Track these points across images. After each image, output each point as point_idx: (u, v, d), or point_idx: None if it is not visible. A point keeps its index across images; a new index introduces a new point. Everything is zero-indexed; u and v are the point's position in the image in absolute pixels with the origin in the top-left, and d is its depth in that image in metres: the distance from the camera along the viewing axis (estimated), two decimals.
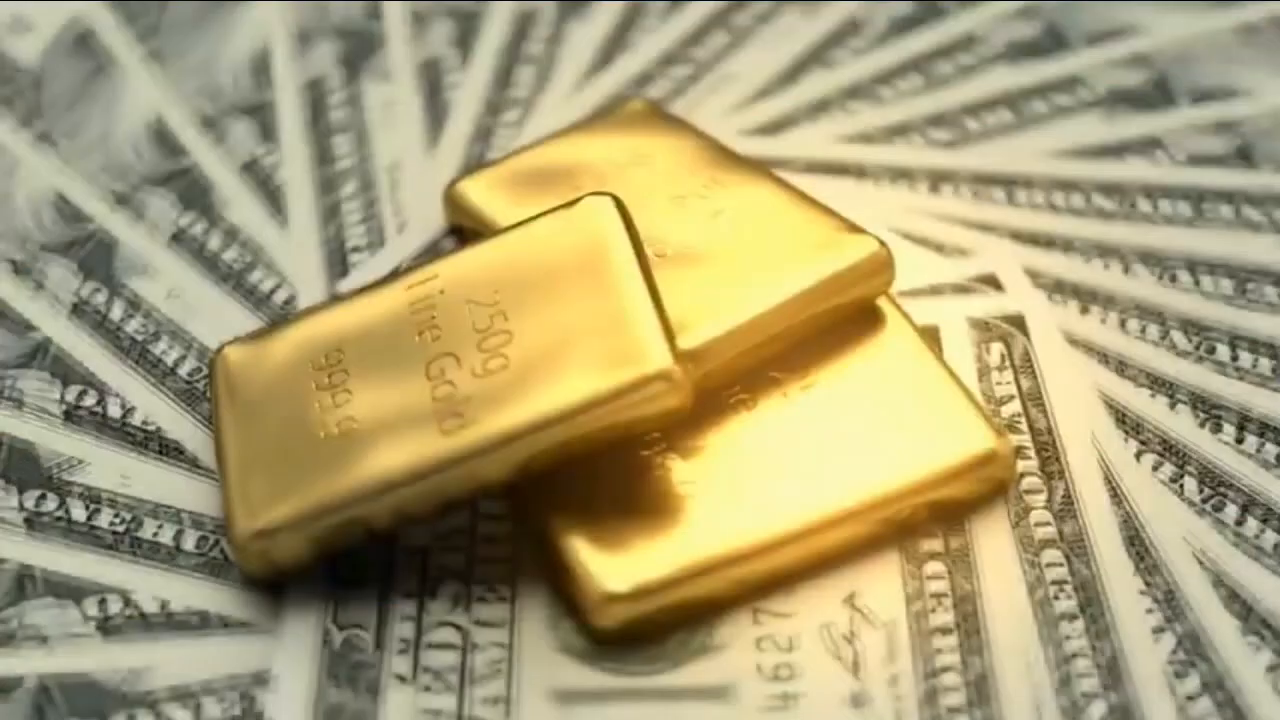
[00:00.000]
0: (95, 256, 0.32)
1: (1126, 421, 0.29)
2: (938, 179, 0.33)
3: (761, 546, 0.27)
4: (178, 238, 0.32)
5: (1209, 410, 0.29)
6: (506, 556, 0.28)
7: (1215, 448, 0.29)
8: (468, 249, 0.29)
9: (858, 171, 0.33)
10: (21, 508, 0.29)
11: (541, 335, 0.27)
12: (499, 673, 0.27)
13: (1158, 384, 0.30)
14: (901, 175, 0.33)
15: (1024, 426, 0.29)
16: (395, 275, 0.29)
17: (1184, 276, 0.31)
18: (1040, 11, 0.36)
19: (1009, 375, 0.30)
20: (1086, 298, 0.31)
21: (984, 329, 0.31)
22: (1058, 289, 0.31)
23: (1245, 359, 0.30)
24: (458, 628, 0.27)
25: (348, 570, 0.28)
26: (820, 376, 0.29)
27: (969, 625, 0.27)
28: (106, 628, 0.27)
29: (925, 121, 0.34)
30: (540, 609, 0.27)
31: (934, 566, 0.28)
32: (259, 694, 0.26)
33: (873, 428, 0.28)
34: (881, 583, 0.27)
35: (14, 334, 0.31)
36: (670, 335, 0.27)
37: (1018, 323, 0.31)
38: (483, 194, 0.32)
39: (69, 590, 0.28)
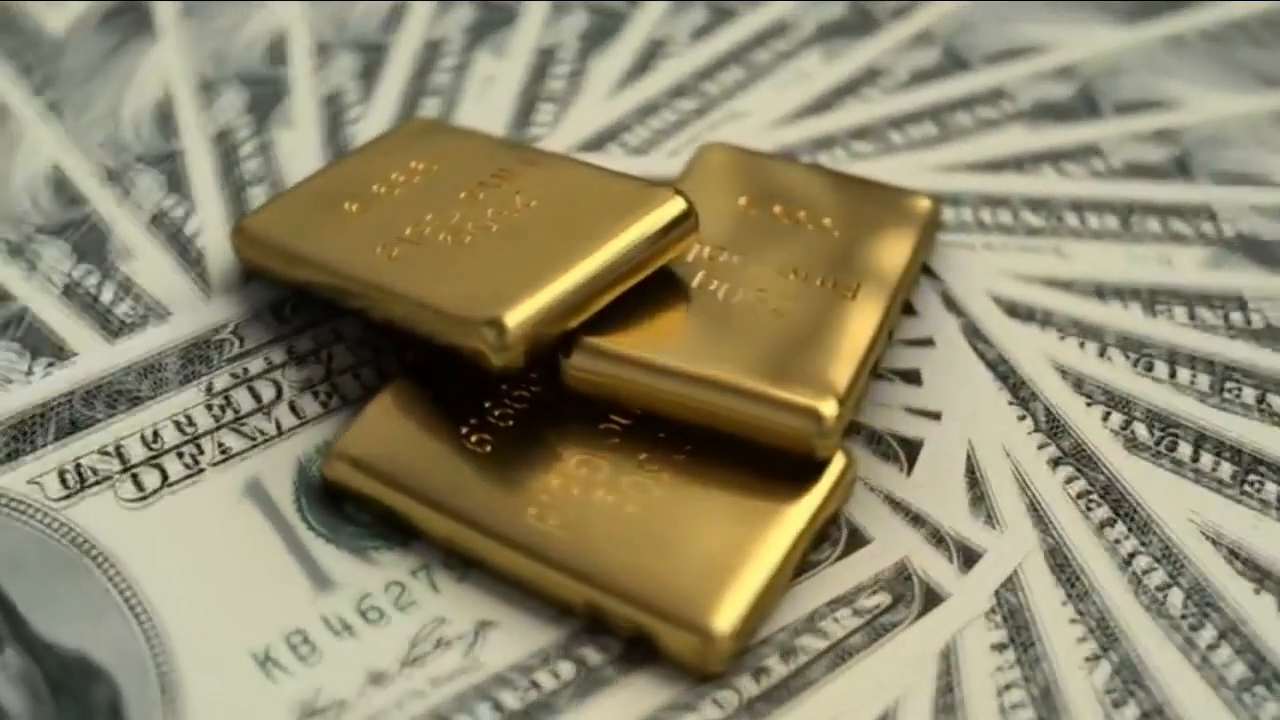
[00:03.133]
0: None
1: None
2: (1076, 454, 0.29)
3: (475, 522, 0.27)
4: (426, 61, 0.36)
5: None
6: (372, 387, 0.30)
7: None
8: (572, 162, 0.31)
9: (1030, 396, 0.30)
10: None
11: (496, 243, 0.29)
12: (247, 445, 0.29)
13: None
14: (1057, 433, 0.30)
15: (795, 661, 0.26)
16: (525, 144, 0.32)
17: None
18: None
19: (853, 623, 0.27)
20: (1014, 635, 0.27)
21: (900, 580, 0.27)
22: (1006, 619, 0.27)
23: None
24: (278, 392, 0.30)
25: (297, 311, 0.31)
26: (693, 467, 0.28)
27: None
28: (158, 222, 0.33)
29: (1148, 416, 0.30)
30: (332, 437, 0.29)
31: (565, 667, 0.26)
32: (153, 322, 0.31)
33: (663, 537, 0.27)
34: (514, 638, 0.27)
35: None
36: (559, 313, 0.28)
37: (927, 602, 0.27)
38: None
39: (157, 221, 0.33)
